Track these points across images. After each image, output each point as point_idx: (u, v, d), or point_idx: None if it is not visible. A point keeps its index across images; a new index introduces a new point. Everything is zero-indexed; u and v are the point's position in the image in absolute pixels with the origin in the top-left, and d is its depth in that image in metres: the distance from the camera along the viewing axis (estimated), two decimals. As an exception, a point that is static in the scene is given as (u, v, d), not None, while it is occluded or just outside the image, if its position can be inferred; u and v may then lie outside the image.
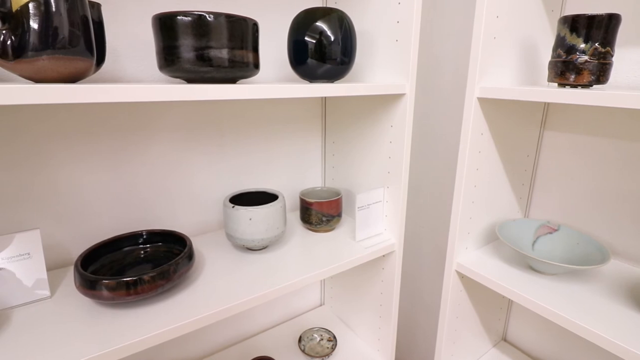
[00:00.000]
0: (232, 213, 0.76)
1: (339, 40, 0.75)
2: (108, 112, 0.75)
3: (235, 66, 0.61)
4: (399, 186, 0.84)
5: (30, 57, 0.46)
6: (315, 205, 0.89)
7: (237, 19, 0.60)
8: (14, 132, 0.67)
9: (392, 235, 0.89)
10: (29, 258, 0.63)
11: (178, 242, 0.75)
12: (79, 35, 0.49)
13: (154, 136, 0.81)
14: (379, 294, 0.97)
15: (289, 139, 1.03)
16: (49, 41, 0.46)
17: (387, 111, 0.84)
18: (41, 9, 0.45)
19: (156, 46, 0.61)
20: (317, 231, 0.93)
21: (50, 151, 0.70)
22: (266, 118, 0.97)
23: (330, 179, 1.09)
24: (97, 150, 0.75)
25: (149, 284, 0.60)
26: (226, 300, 0.64)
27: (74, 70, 0.50)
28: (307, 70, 0.78)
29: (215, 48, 0.59)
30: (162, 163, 0.83)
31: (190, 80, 0.63)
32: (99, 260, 0.69)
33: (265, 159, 0.99)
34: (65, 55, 0.48)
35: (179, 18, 0.58)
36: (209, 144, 0.89)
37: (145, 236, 0.75)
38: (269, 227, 0.77)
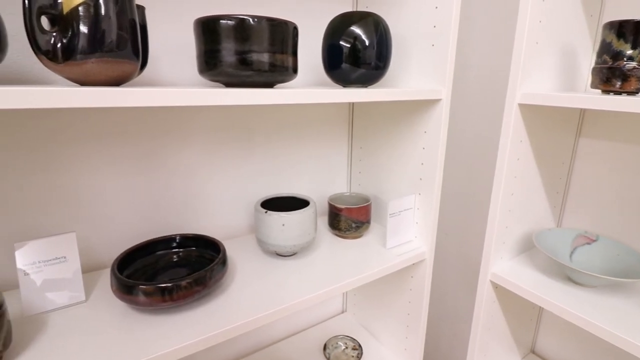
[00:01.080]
0: (264, 218, 0.75)
1: (374, 45, 0.74)
2: (141, 115, 0.75)
3: (276, 70, 0.61)
4: (432, 193, 0.83)
5: (79, 59, 0.46)
6: (345, 212, 0.88)
7: (279, 22, 0.59)
8: (49, 135, 0.67)
9: (423, 243, 0.87)
10: (65, 261, 0.63)
11: (210, 246, 0.74)
12: (126, 39, 0.48)
13: (185, 139, 0.81)
14: (406, 302, 0.95)
15: (315, 144, 1.02)
16: (98, 44, 0.46)
17: (421, 117, 0.82)
18: (92, 12, 0.45)
19: (197, 50, 0.61)
20: (345, 237, 0.92)
21: (82, 154, 0.70)
22: (293, 122, 0.96)
23: (357, 185, 1.08)
24: (129, 153, 0.75)
25: (186, 290, 0.59)
26: (260, 309, 0.63)
27: (121, 73, 0.49)
28: (341, 75, 0.77)
29: (257, 52, 0.58)
30: (192, 166, 0.83)
31: (229, 84, 0.62)
32: (133, 264, 0.68)
33: (290, 163, 0.98)
34: (114, 58, 0.47)
35: (221, 22, 0.57)
36: (238, 148, 0.89)
37: (179, 240, 0.74)
38: (302, 233, 0.76)
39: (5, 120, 0.63)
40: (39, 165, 0.67)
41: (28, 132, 0.65)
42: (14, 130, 0.64)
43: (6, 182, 0.64)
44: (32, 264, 0.60)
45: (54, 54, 0.45)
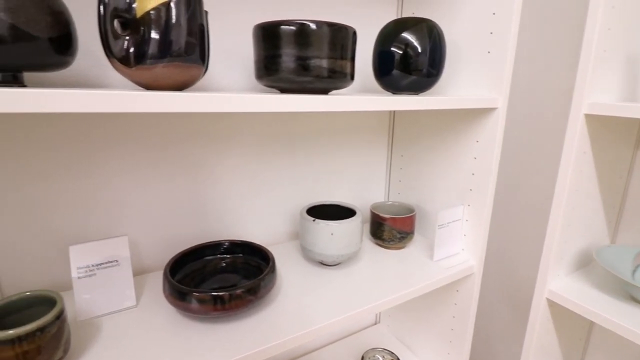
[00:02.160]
0: (312, 227, 0.74)
1: (426, 51, 0.72)
2: (188, 121, 0.75)
3: (334, 76, 0.59)
4: (483, 205, 0.80)
5: (149, 64, 0.45)
6: (390, 221, 0.86)
7: (339, 27, 0.58)
8: (100, 139, 0.67)
9: (471, 256, 0.84)
10: (117, 265, 0.62)
11: (256, 254, 0.73)
12: (195, 44, 0.48)
13: (229, 145, 0.80)
14: (450, 317, 0.91)
15: (353, 151, 1.00)
16: (169, 48, 0.45)
17: (473, 125, 0.79)
18: (164, 17, 0.44)
19: (256, 55, 0.60)
20: (388, 248, 0.89)
21: (131, 158, 0.70)
22: (331, 128, 0.94)
23: (396, 193, 1.05)
24: (173, 157, 0.75)
25: (239, 299, 0.58)
26: (309, 323, 0.61)
27: (189, 78, 0.49)
28: (392, 82, 0.75)
29: (317, 57, 0.57)
30: (234, 172, 0.82)
31: (285, 90, 0.61)
32: (182, 269, 0.68)
33: (327, 170, 0.97)
34: (183, 62, 0.47)
35: (282, 27, 0.56)
36: (279, 154, 0.87)
37: (227, 246, 0.73)
38: (349, 243, 0.74)
39: (55, 124, 0.63)
40: (87, 168, 0.67)
41: (78, 135, 0.65)
42: (66, 133, 0.64)
43: (58, 184, 0.65)
44: (86, 267, 0.60)
45: (126, 58, 0.44)
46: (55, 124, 0.63)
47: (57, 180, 0.65)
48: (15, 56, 0.38)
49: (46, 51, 0.40)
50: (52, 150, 0.63)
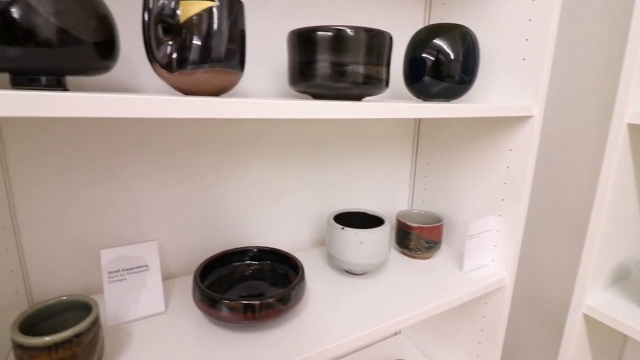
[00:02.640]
0: (340, 234, 0.72)
1: (459, 58, 0.71)
2: (216, 127, 0.75)
3: (370, 82, 0.58)
4: (516, 215, 0.77)
5: (191, 69, 0.45)
6: (417, 230, 0.84)
7: (377, 32, 0.57)
8: (128, 145, 0.67)
9: (502, 268, 0.82)
10: (147, 270, 0.62)
11: (283, 261, 0.72)
12: (236, 49, 0.47)
13: (255, 151, 0.80)
14: (478, 330, 0.89)
15: (377, 157, 0.99)
16: (211, 54, 0.45)
17: (506, 134, 0.77)
18: (207, 22, 0.44)
19: (290, 61, 0.59)
20: (414, 257, 0.87)
21: (158, 164, 0.70)
22: (356, 134, 0.93)
23: (420, 202, 1.03)
24: (200, 163, 0.74)
25: (271, 308, 0.56)
26: (337, 336, 0.59)
27: (228, 83, 0.48)
28: (423, 88, 0.74)
29: (354, 63, 0.56)
30: (260, 177, 0.82)
31: (318, 96, 0.60)
32: (210, 274, 0.67)
33: (350, 176, 0.95)
34: (224, 68, 0.46)
35: (318, 33, 0.56)
36: (305, 160, 0.87)
37: (254, 252, 0.72)
38: (378, 252, 0.73)
39: (88, 129, 0.64)
40: (116, 172, 0.67)
41: (108, 139, 0.65)
42: (97, 138, 0.64)
43: (87, 188, 0.65)
44: (117, 271, 0.60)
45: (169, 63, 0.44)
46: (88, 129, 0.63)
47: (87, 184, 0.65)
48: (63, 60, 0.38)
49: (91, 55, 0.40)
50: (82, 155, 0.63)
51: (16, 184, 0.59)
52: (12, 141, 0.58)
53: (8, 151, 0.58)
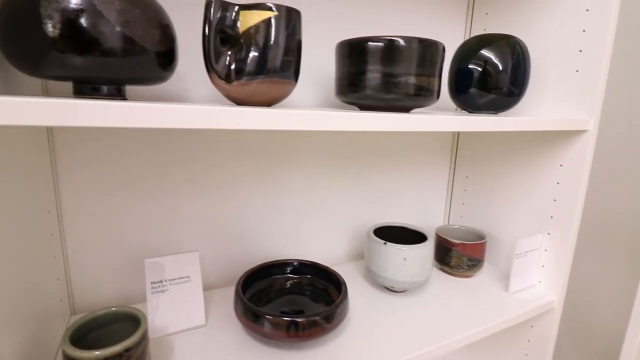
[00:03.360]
0: (382, 250, 0.70)
1: (508, 69, 0.68)
2: (255, 137, 0.74)
3: (422, 94, 0.56)
4: (567, 234, 0.73)
5: (248, 79, 0.44)
6: (459, 247, 0.81)
7: (430, 42, 0.55)
8: (175, 155, 0.67)
9: (551, 290, 0.77)
10: (188, 282, 0.61)
11: (322, 275, 0.70)
12: (292, 60, 0.46)
13: (294, 163, 0.79)
14: (522, 355, 0.84)
15: (413, 169, 0.96)
16: (267, 64, 0.44)
17: (557, 148, 0.74)
18: (265, 33, 0.43)
19: (339, 72, 0.58)
20: (454, 275, 0.84)
21: (199, 172, 0.70)
22: (395, 146, 0.91)
23: (458, 217, 1.00)
24: (239, 172, 0.74)
25: (316, 326, 0.54)
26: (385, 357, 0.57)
27: (282, 94, 0.47)
28: (469, 100, 0.71)
29: (406, 74, 0.55)
30: (296, 189, 0.80)
31: (366, 108, 0.59)
32: (250, 287, 0.66)
33: (387, 188, 0.93)
34: (280, 78, 0.46)
35: (370, 43, 0.54)
36: (341, 172, 0.85)
37: (295, 266, 0.71)
38: (421, 269, 0.70)
39: (137, 140, 0.64)
40: (156, 182, 0.67)
41: (154, 152, 0.65)
42: (144, 149, 0.65)
43: (130, 197, 0.65)
44: (160, 282, 0.59)
45: (227, 74, 0.43)
46: (137, 139, 0.63)
47: (133, 193, 0.65)
48: (128, 69, 0.38)
49: (154, 65, 0.40)
50: (129, 165, 0.64)
51: (64, 192, 0.60)
52: (63, 148, 0.58)
53: (59, 158, 0.58)
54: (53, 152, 0.58)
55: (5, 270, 0.38)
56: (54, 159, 0.58)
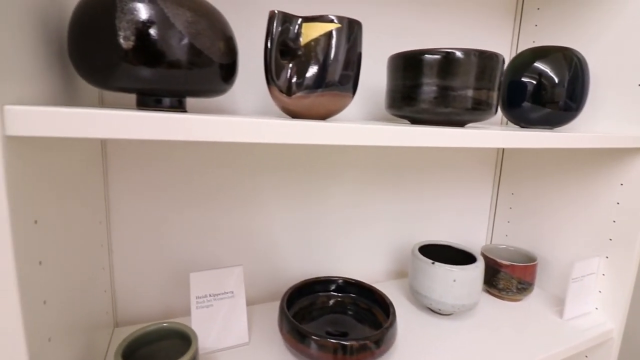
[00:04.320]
0: (429, 270, 0.67)
1: (564, 82, 0.65)
2: (303, 150, 0.73)
3: (480, 108, 0.54)
4: (629, 257, 0.68)
5: (307, 92, 0.43)
6: (508, 269, 0.76)
7: (489, 54, 0.53)
8: (219, 171, 0.66)
9: (609, 318, 0.72)
10: (232, 297, 0.60)
11: (366, 295, 0.67)
12: (352, 73, 0.45)
13: (336, 177, 0.77)
14: (576, 387, 0.78)
15: (455, 185, 0.92)
16: (327, 77, 0.43)
17: (618, 166, 0.70)
18: (327, 46, 0.42)
19: (391, 84, 0.57)
20: (502, 298, 0.79)
21: (241, 189, 0.69)
22: (436, 161, 0.88)
23: (503, 236, 0.95)
24: (284, 187, 0.72)
25: (365, 351, 0.52)
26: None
27: (340, 107, 0.46)
28: (522, 114, 0.69)
29: (464, 88, 0.52)
30: (336, 204, 0.78)
31: (418, 121, 0.57)
32: (293, 305, 0.64)
33: (427, 204, 0.90)
34: (340, 91, 0.44)
35: (426, 56, 0.53)
36: (381, 187, 0.83)
37: (339, 283, 0.68)
38: (471, 292, 0.66)
39: (187, 152, 0.64)
40: (201, 196, 0.66)
41: (201, 165, 0.65)
42: (192, 162, 0.64)
43: (178, 212, 0.64)
44: (204, 297, 0.58)
45: (288, 86, 0.42)
46: (188, 151, 0.63)
47: (179, 206, 0.64)
48: (193, 81, 0.37)
49: (217, 78, 0.39)
50: (179, 177, 0.63)
51: (114, 202, 0.60)
52: (115, 159, 0.59)
53: (110, 168, 0.59)
54: (105, 163, 0.58)
55: (63, 281, 0.37)
56: (106, 170, 0.58)
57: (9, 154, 0.25)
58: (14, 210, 0.26)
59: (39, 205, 0.31)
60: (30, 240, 0.29)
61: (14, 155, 0.26)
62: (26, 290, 0.28)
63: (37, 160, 0.31)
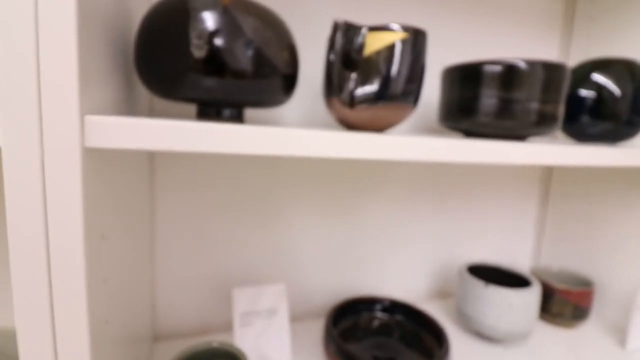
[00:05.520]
0: (482, 293, 0.63)
1: (627, 96, 0.61)
2: (347, 165, 0.71)
3: (544, 121, 0.51)
4: (703, 287, 0.63)
5: (369, 104, 0.41)
6: (563, 293, 0.71)
7: (555, 66, 0.50)
8: (265, 186, 0.65)
9: (680, 351, 0.66)
10: (275, 316, 0.57)
11: (413, 317, 0.64)
12: (416, 84, 0.43)
13: (377, 193, 0.74)
14: None
15: (498, 203, 0.88)
16: (391, 89, 0.41)
17: (688, 186, 0.64)
18: (391, 58, 0.40)
19: (447, 97, 0.54)
20: (555, 324, 0.74)
21: (283, 202, 0.67)
22: (481, 175, 0.84)
23: (551, 257, 0.90)
24: (321, 202, 0.70)
25: (421, 378, 0.48)
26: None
27: (401, 119, 0.44)
28: (580, 129, 0.65)
29: (527, 100, 0.50)
30: (377, 221, 0.75)
31: (473, 134, 0.54)
32: (337, 325, 0.61)
33: (470, 222, 0.86)
34: (403, 103, 0.42)
35: (486, 67, 0.50)
36: (423, 203, 0.79)
37: (386, 304, 0.65)
38: (527, 318, 0.62)
39: (234, 164, 0.62)
40: (247, 210, 0.65)
41: (246, 179, 0.64)
42: (237, 175, 0.63)
43: (221, 226, 0.63)
44: (247, 314, 0.55)
45: (351, 98, 0.41)
46: (227, 163, 0.62)
47: (218, 219, 0.63)
48: (256, 92, 0.36)
49: (279, 88, 0.38)
50: (223, 190, 0.62)
51: (159, 214, 0.59)
52: (161, 171, 0.58)
53: (156, 180, 0.58)
54: (152, 176, 0.58)
55: (122, 299, 0.36)
56: (153, 182, 0.58)
57: (87, 166, 0.24)
58: (87, 226, 0.25)
59: (106, 218, 0.30)
60: (98, 257, 0.28)
61: (91, 168, 0.25)
62: (93, 313, 0.26)
63: (105, 173, 0.30)
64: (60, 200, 0.23)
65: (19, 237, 0.24)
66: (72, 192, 0.23)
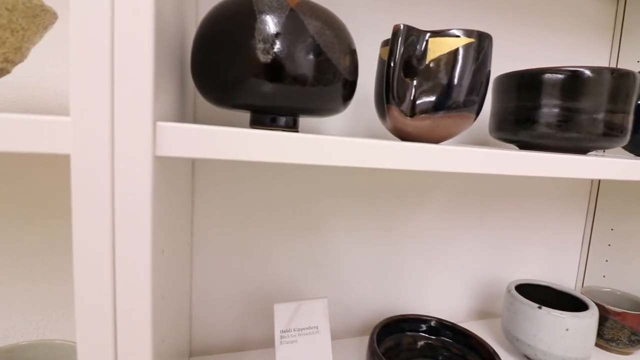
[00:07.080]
0: (534, 315, 0.59)
1: (695, 106, 0.57)
2: (389, 176, 0.68)
3: (611, 134, 0.47)
4: None
5: (429, 113, 0.39)
6: (619, 316, 0.66)
7: (624, 73, 0.47)
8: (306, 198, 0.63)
9: None
10: (317, 333, 0.55)
11: (459, 339, 0.60)
12: (479, 93, 0.40)
13: (418, 206, 0.71)
14: None
15: (542, 218, 0.83)
16: (453, 98, 0.38)
17: None
18: (454, 65, 0.38)
19: (500, 107, 0.52)
20: (609, 350, 0.69)
21: (321, 215, 0.65)
22: (523, 190, 0.80)
23: (599, 276, 0.85)
24: (362, 215, 0.68)
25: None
26: None
27: (461, 129, 0.41)
28: (636, 141, 0.61)
29: (594, 111, 0.46)
30: (417, 236, 0.72)
31: (531, 147, 0.51)
32: (379, 344, 0.57)
33: (512, 239, 0.81)
34: (466, 112, 0.40)
35: (546, 76, 0.47)
36: (466, 217, 0.76)
37: (431, 324, 0.61)
38: (585, 344, 0.57)
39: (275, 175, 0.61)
40: (286, 223, 0.63)
41: (290, 190, 0.62)
42: (278, 185, 0.61)
43: (260, 238, 0.61)
44: (288, 331, 0.53)
45: (412, 107, 0.38)
46: (266, 173, 0.60)
47: (256, 231, 0.61)
48: (316, 99, 0.34)
49: (338, 95, 0.36)
50: (262, 199, 0.61)
51: (197, 224, 0.57)
52: (201, 182, 0.57)
53: (196, 191, 0.57)
54: (193, 186, 0.56)
55: (173, 316, 0.34)
56: (193, 193, 0.57)
57: (157, 176, 0.23)
58: (154, 240, 0.23)
59: (166, 232, 0.28)
60: (159, 272, 0.26)
61: (160, 178, 0.23)
62: (155, 332, 0.24)
63: (168, 183, 0.28)
64: (129, 212, 0.22)
65: (84, 250, 0.22)
66: (141, 204, 0.22)
